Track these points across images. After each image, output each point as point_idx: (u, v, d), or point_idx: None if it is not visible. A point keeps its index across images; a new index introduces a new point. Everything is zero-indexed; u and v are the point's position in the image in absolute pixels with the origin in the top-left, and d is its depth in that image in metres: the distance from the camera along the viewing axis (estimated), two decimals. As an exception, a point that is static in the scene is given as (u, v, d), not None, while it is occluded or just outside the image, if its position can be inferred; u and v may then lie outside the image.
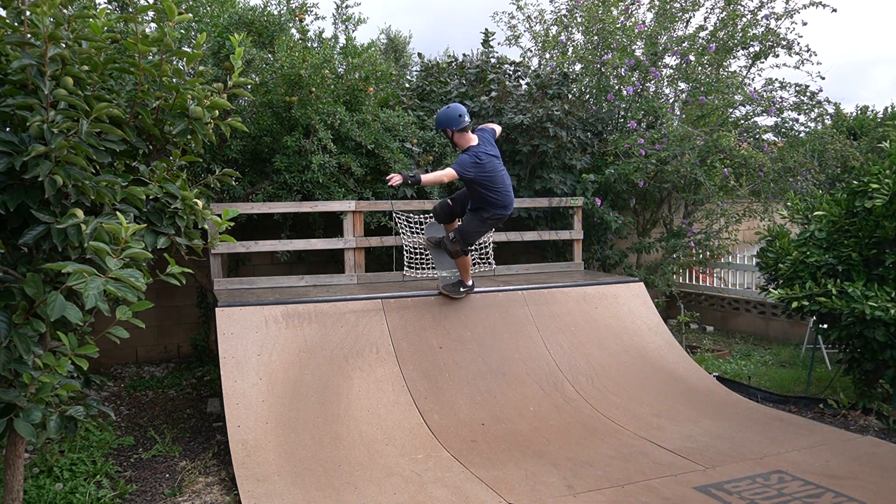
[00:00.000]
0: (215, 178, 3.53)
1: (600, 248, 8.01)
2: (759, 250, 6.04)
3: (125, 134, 2.90)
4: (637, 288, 6.40)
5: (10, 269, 2.66)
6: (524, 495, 3.77)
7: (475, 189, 5.19)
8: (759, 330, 8.33)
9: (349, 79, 6.47)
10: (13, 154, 2.53)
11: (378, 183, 6.70)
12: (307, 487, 3.84)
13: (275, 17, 6.57)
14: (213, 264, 5.97)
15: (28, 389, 2.64)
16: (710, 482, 3.92)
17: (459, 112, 5.13)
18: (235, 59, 3.34)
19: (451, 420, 4.76)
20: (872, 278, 5.12)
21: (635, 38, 8.34)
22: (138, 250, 2.53)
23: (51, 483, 3.86)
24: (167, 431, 4.97)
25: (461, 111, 5.14)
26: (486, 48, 8.43)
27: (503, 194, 5.24)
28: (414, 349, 5.20)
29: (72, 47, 2.77)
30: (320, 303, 5.23)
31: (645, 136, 7.46)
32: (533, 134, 7.32)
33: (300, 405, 4.54)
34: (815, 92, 8.18)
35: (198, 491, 3.98)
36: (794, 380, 6.28)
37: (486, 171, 5.08)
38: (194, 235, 3.22)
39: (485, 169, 5.07)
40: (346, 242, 6.28)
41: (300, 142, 6.16)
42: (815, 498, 3.71)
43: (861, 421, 5.13)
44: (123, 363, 6.99)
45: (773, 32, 8.03)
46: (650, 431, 4.75)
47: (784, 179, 7.94)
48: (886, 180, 4.89)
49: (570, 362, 5.53)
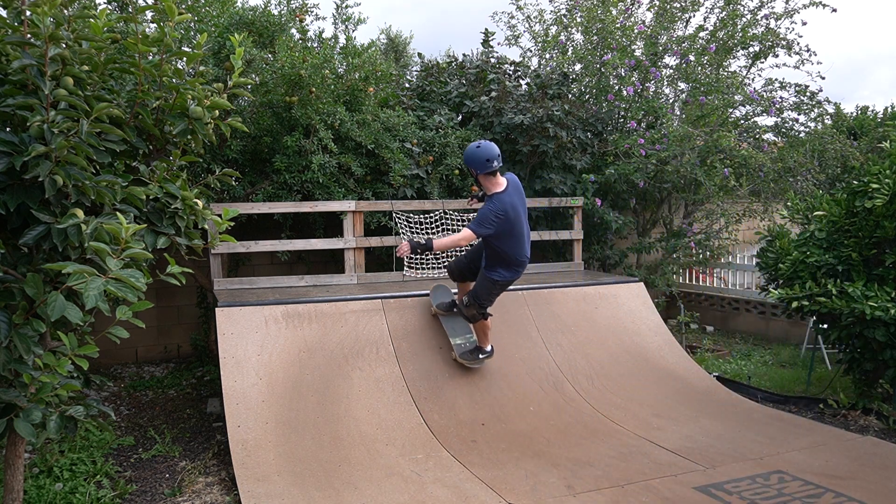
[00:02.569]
0: (215, 178, 3.53)
1: (600, 248, 8.01)
2: (759, 250, 6.04)
3: (125, 134, 2.90)
4: (637, 288, 6.40)
5: (10, 269, 2.66)
6: (524, 495, 3.77)
7: (490, 241, 4.70)
8: (759, 330, 8.33)
9: (349, 79, 6.47)
10: (13, 154, 2.53)
11: (378, 183, 6.70)
12: (307, 487, 3.84)
13: (275, 17, 6.58)
14: (213, 264, 5.97)
15: (28, 389, 2.64)
16: (710, 482, 3.92)
17: (488, 156, 4.58)
18: (235, 60, 3.34)
19: (451, 420, 4.75)
20: (872, 278, 5.12)
21: (635, 38, 8.34)
22: (138, 250, 2.53)
23: (51, 483, 3.86)
24: (167, 431, 4.97)
25: (490, 155, 4.58)
26: (486, 48, 8.44)
27: (519, 248, 4.72)
28: (414, 349, 5.20)
29: (72, 47, 2.77)
30: (320, 303, 5.23)
31: (645, 137, 7.46)
32: (533, 134, 7.32)
33: (300, 405, 4.54)
34: (815, 92, 8.18)
35: (198, 491, 3.98)
36: (794, 380, 6.28)
37: (507, 224, 4.58)
38: (194, 235, 3.22)
39: (508, 221, 4.57)
40: (346, 242, 6.28)
41: (300, 142, 6.16)
42: (815, 498, 3.71)
43: (861, 421, 5.13)
44: (123, 363, 6.99)
45: (773, 32, 8.03)
46: (650, 431, 4.75)
47: (784, 179, 7.94)
48: (886, 180, 4.89)
49: (570, 362, 5.53)
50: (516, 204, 4.64)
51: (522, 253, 4.76)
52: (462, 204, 6.69)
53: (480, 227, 4.55)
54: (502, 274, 4.79)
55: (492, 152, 4.61)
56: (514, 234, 4.67)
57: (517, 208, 4.64)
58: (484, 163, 4.60)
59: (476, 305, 4.93)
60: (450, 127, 7.11)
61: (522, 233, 4.73)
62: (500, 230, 4.59)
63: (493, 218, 4.52)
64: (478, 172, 4.67)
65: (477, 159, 4.62)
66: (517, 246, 4.71)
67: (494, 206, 4.55)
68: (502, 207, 4.54)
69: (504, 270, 4.79)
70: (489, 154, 4.60)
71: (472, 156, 4.64)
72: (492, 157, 4.60)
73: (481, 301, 4.93)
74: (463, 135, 7.09)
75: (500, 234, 4.61)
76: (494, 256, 4.76)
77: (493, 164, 4.61)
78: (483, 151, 4.61)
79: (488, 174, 4.66)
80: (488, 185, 4.70)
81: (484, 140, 4.71)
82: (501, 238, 4.64)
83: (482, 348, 5.17)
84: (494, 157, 4.60)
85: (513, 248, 4.69)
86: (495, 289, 4.92)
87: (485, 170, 4.62)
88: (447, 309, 5.37)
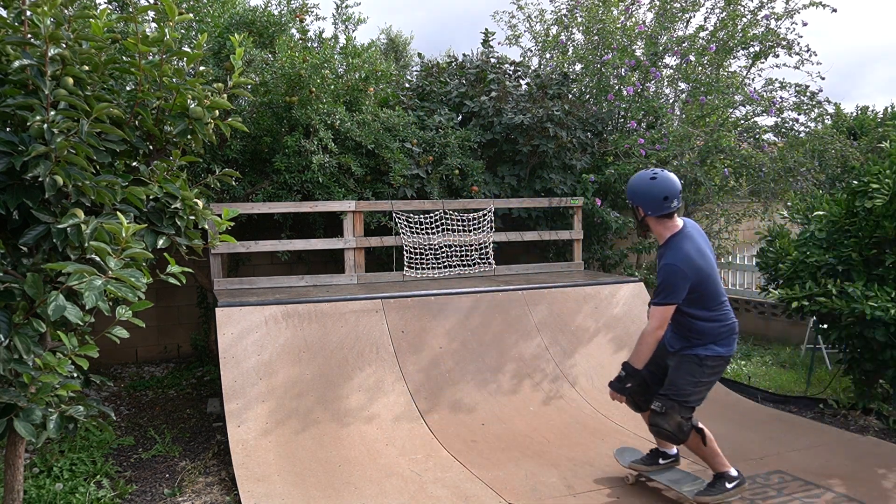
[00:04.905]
0: (215, 178, 3.53)
1: (600, 248, 8.01)
2: (759, 250, 6.04)
3: (125, 134, 2.90)
4: (637, 288, 6.41)
5: (10, 269, 2.66)
6: (524, 495, 3.77)
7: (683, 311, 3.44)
8: (759, 330, 8.33)
9: (349, 79, 6.48)
10: (13, 154, 2.53)
11: (378, 183, 6.70)
12: (307, 487, 3.84)
13: (275, 17, 6.58)
14: (213, 264, 5.97)
15: (28, 389, 2.64)
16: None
17: (666, 194, 3.39)
18: (236, 60, 3.34)
19: (451, 420, 4.76)
20: (872, 278, 5.12)
21: (635, 38, 8.35)
22: (139, 250, 2.53)
23: (51, 483, 3.86)
24: (167, 431, 4.97)
25: (669, 192, 3.39)
26: (487, 48, 8.44)
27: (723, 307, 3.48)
28: (414, 349, 5.20)
29: (72, 47, 2.77)
30: (320, 303, 5.23)
31: (645, 136, 7.46)
32: (533, 134, 7.33)
33: (300, 405, 4.54)
34: (815, 92, 8.18)
35: (198, 491, 3.98)
36: (794, 380, 6.28)
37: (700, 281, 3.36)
38: (194, 235, 3.22)
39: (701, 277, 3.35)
40: (346, 242, 6.28)
41: (300, 142, 6.16)
42: (815, 498, 3.71)
43: (861, 421, 5.13)
44: (123, 363, 6.99)
45: (773, 32, 8.03)
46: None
47: (784, 179, 7.94)
48: (886, 180, 4.89)
49: (570, 362, 5.53)
50: (703, 249, 3.43)
51: (729, 312, 3.51)
52: (462, 204, 6.69)
53: (670, 297, 3.34)
54: (714, 349, 3.45)
55: (671, 187, 3.40)
56: (710, 292, 3.42)
57: (706, 256, 3.43)
58: (661, 201, 3.41)
59: (678, 407, 3.41)
60: (450, 127, 7.11)
61: (718, 287, 3.47)
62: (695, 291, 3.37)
63: (681, 280, 3.31)
64: (647, 214, 3.47)
65: (652, 198, 3.42)
66: (720, 304, 3.47)
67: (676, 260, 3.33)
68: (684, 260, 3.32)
69: (716, 344, 3.46)
70: (668, 190, 3.39)
71: (644, 191, 3.45)
72: (670, 194, 3.39)
73: (686, 398, 3.42)
74: (463, 135, 7.09)
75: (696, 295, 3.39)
76: (693, 329, 3.47)
77: (673, 204, 3.41)
78: (660, 187, 3.40)
79: (663, 217, 3.47)
80: (658, 229, 3.50)
81: (660, 169, 3.49)
82: (697, 301, 3.40)
83: (726, 473, 3.53)
84: (673, 195, 3.40)
85: (718, 309, 3.46)
86: (705, 374, 3.45)
87: (659, 212, 3.43)
88: (650, 463, 3.90)
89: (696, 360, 3.45)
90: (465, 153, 7.08)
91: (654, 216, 3.46)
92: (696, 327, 3.44)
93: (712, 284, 3.41)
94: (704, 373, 3.43)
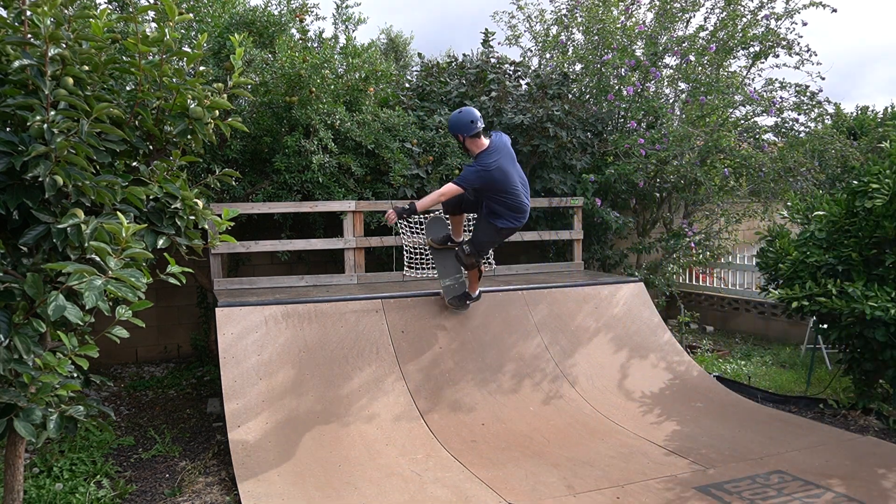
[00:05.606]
0: (215, 178, 3.53)
1: (600, 248, 8.01)
2: (759, 250, 6.04)
3: (125, 134, 2.90)
4: (637, 288, 6.41)
5: (10, 269, 2.66)
6: (524, 495, 3.77)
7: (485, 196, 4.97)
8: (759, 330, 8.33)
9: (349, 79, 6.47)
10: (13, 154, 2.53)
11: (378, 183, 6.70)
12: (307, 487, 3.84)
13: (275, 17, 6.58)
14: (213, 264, 5.97)
15: (28, 389, 2.64)
16: (710, 482, 3.92)
17: (472, 118, 4.86)
18: (236, 60, 3.34)
19: (451, 420, 4.76)
20: (872, 278, 5.12)
21: (635, 38, 8.34)
22: (139, 250, 2.53)
23: (51, 483, 3.86)
24: (167, 431, 4.97)
25: (474, 116, 4.87)
26: (487, 48, 8.44)
27: (515, 198, 4.93)
28: (414, 349, 5.20)
29: (72, 47, 2.77)
30: (320, 303, 5.23)
31: (645, 136, 7.46)
32: (533, 134, 7.32)
33: (300, 405, 4.54)
34: (815, 92, 8.18)
35: (198, 491, 3.98)
36: (794, 380, 6.28)
37: (494, 178, 4.79)
38: (194, 235, 3.23)
39: (493, 176, 4.78)
40: (346, 242, 6.28)
41: (300, 142, 6.16)
42: (815, 498, 3.71)
43: (861, 421, 5.13)
44: (123, 363, 6.99)
45: (773, 32, 8.03)
46: (650, 431, 4.75)
47: (784, 179, 7.94)
48: (886, 180, 4.89)
49: (570, 362, 5.53)
50: (501, 161, 4.80)
51: (521, 201, 4.96)
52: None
53: (463, 182, 4.79)
54: (505, 222, 5.02)
55: (474, 113, 4.87)
56: (508, 190, 4.87)
57: (503, 166, 4.80)
58: (468, 124, 4.84)
59: (475, 254, 5.15)
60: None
61: (516, 186, 4.91)
62: (489, 187, 4.82)
63: (474, 177, 4.76)
64: (465, 136, 4.89)
65: (462, 122, 4.86)
66: (514, 197, 4.92)
67: (477, 163, 4.79)
68: (483, 164, 4.76)
69: (506, 219, 5.01)
70: (472, 115, 4.85)
71: (457, 121, 4.89)
72: (475, 118, 4.85)
73: (482, 248, 5.17)
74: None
75: (492, 190, 4.85)
76: (494, 208, 4.98)
77: (477, 124, 4.85)
78: (465, 114, 4.87)
79: (474, 136, 4.90)
80: (474, 148, 4.93)
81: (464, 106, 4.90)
82: (494, 193, 4.88)
83: (470, 294, 5.41)
84: (477, 118, 4.85)
85: (511, 199, 4.92)
86: (497, 237, 5.15)
87: (470, 131, 4.86)
88: (442, 242, 5.49)
89: (493, 227, 5.05)
90: (465, 153, 7.08)
91: (468, 136, 4.88)
92: (495, 209, 4.99)
93: (510, 186, 4.85)
94: (498, 235, 5.13)
